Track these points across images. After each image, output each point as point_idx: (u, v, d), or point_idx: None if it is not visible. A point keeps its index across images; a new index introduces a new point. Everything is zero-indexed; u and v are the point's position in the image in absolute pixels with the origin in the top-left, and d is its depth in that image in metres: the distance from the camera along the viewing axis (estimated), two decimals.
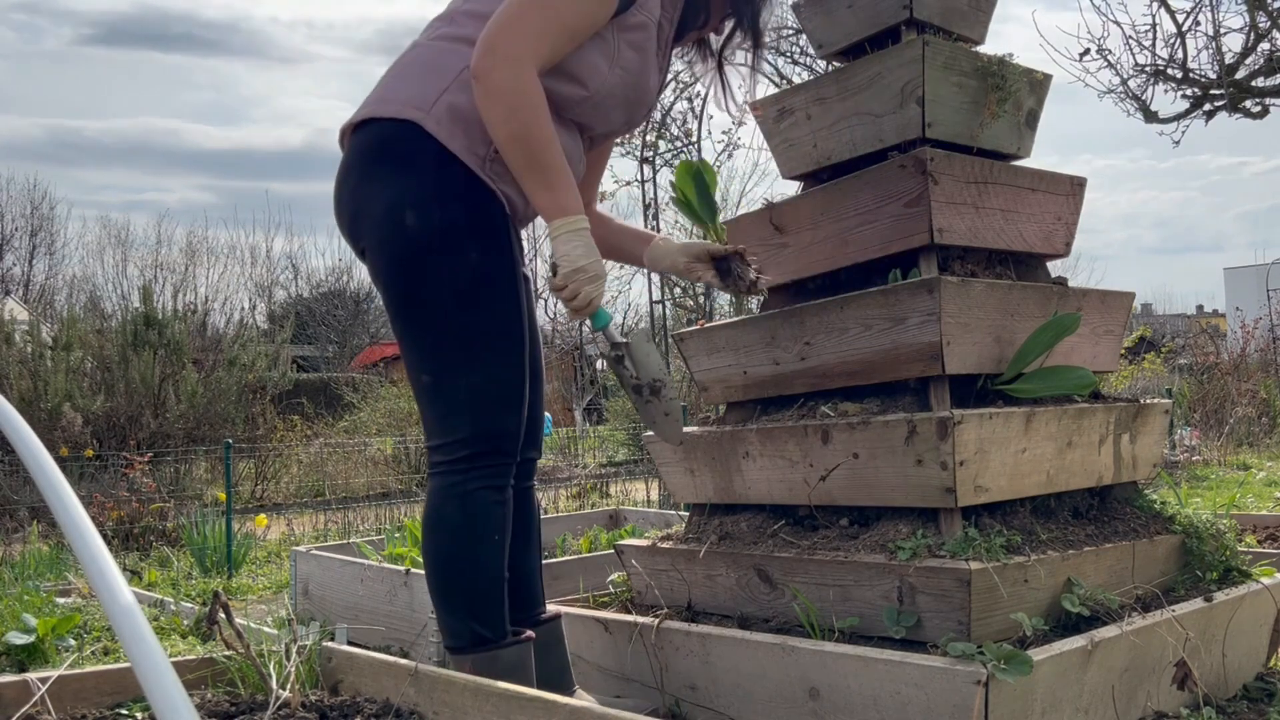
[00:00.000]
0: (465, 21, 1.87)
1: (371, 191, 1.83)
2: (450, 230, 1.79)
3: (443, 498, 1.85)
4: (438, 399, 1.85)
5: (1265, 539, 3.34)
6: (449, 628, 1.88)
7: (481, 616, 1.85)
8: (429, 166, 1.79)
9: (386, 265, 1.84)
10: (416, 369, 1.87)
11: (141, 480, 5.60)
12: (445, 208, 1.79)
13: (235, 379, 8.40)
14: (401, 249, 1.81)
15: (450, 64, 1.83)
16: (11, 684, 1.74)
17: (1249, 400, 9.61)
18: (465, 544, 1.84)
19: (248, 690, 1.84)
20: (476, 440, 1.82)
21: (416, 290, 1.82)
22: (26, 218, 25.30)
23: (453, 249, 1.79)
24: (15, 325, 8.08)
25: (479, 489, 1.81)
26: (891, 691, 1.71)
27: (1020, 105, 2.30)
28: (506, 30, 1.73)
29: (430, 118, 1.79)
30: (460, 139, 1.79)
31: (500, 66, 1.71)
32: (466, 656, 1.83)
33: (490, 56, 1.71)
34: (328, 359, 24.10)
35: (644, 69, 1.94)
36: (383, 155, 1.84)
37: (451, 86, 1.80)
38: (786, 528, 2.19)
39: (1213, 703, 1.96)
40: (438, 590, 1.89)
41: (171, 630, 3.18)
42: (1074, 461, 2.11)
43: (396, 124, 1.81)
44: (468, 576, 1.85)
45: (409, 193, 1.79)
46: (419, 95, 1.81)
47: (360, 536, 4.59)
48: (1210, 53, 6.52)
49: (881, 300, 2.05)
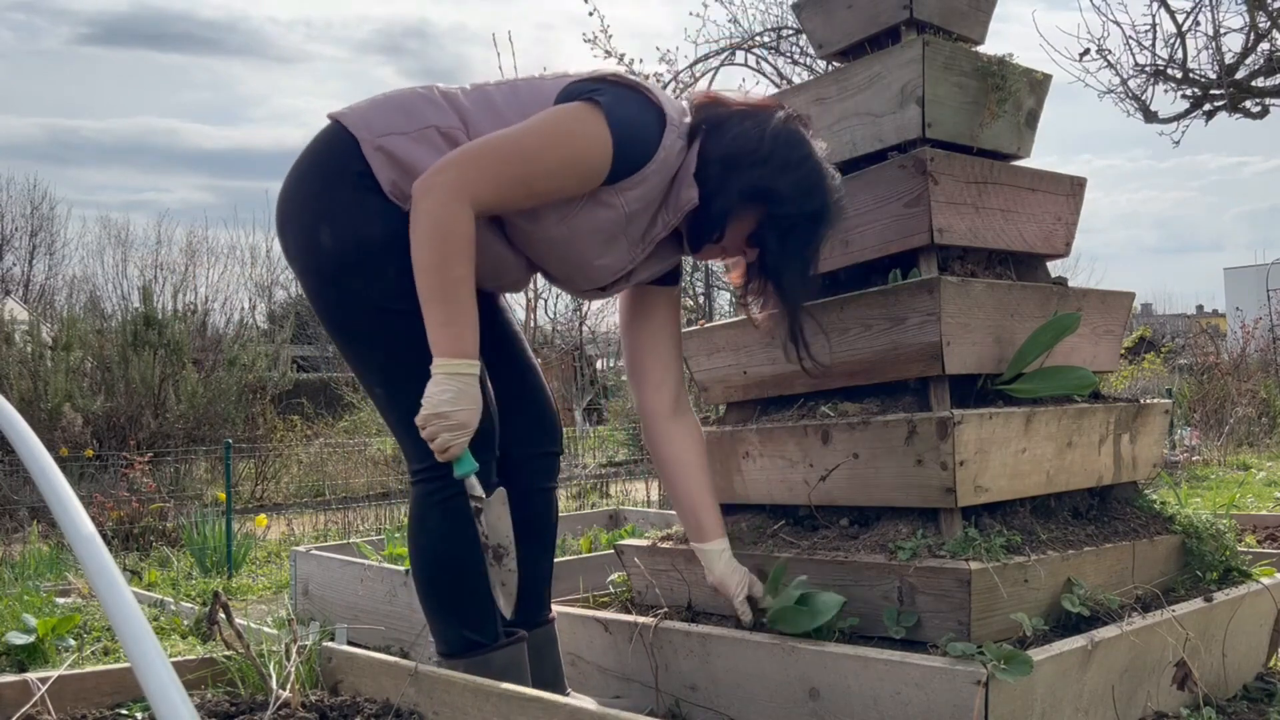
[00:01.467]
0: (475, 96, 1.85)
1: (298, 198, 1.85)
2: (366, 247, 1.77)
3: (424, 506, 1.84)
4: (392, 411, 1.85)
5: (1265, 539, 3.34)
6: (440, 634, 1.88)
7: (471, 621, 1.85)
8: (349, 187, 1.78)
9: (309, 281, 1.85)
10: (366, 382, 1.89)
11: (141, 480, 5.60)
12: (361, 227, 1.78)
13: (235, 379, 8.40)
14: (320, 266, 1.82)
15: (423, 114, 1.81)
16: (11, 684, 1.74)
17: (1249, 400, 9.62)
18: (449, 550, 1.83)
19: (248, 690, 1.84)
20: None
21: (342, 308, 1.83)
22: (26, 218, 25.30)
23: (370, 266, 1.78)
24: (15, 325, 8.08)
25: (457, 494, 1.78)
26: (891, 691, 1.71)
27: (1020, 105, 2.30)
28: (466, 163, 1.69)
29: (369, 144, 1.78)
30: (387, 176, 1.77)
31: (439, 194, 1.67)
32: (459, 661, 1.83)
33: (436, 177, 1.68)
34: (328, 359, 24.06)
35: (594, 245, 1.84)
36: (315, 162, 1.85)
37: (411, 133, 1.79)
38: (786, 528, 2.19)
39: (1213, 703, 1.96)
40: (426, 598, 1.88)
41: (171, 630, 3.18)
42: (1074, 461, 2.11)
43: (343, 134, 1.80)
44: (456, 582, 1.84)
45: (327, 210, 1.80)
46: (375, 123, 1.80)
47: (360, 536, 4.59)
48: (1210, 53, 6.52)
49: (881, 300, 2.05)
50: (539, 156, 1.72)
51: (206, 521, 4.69)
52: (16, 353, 7.60)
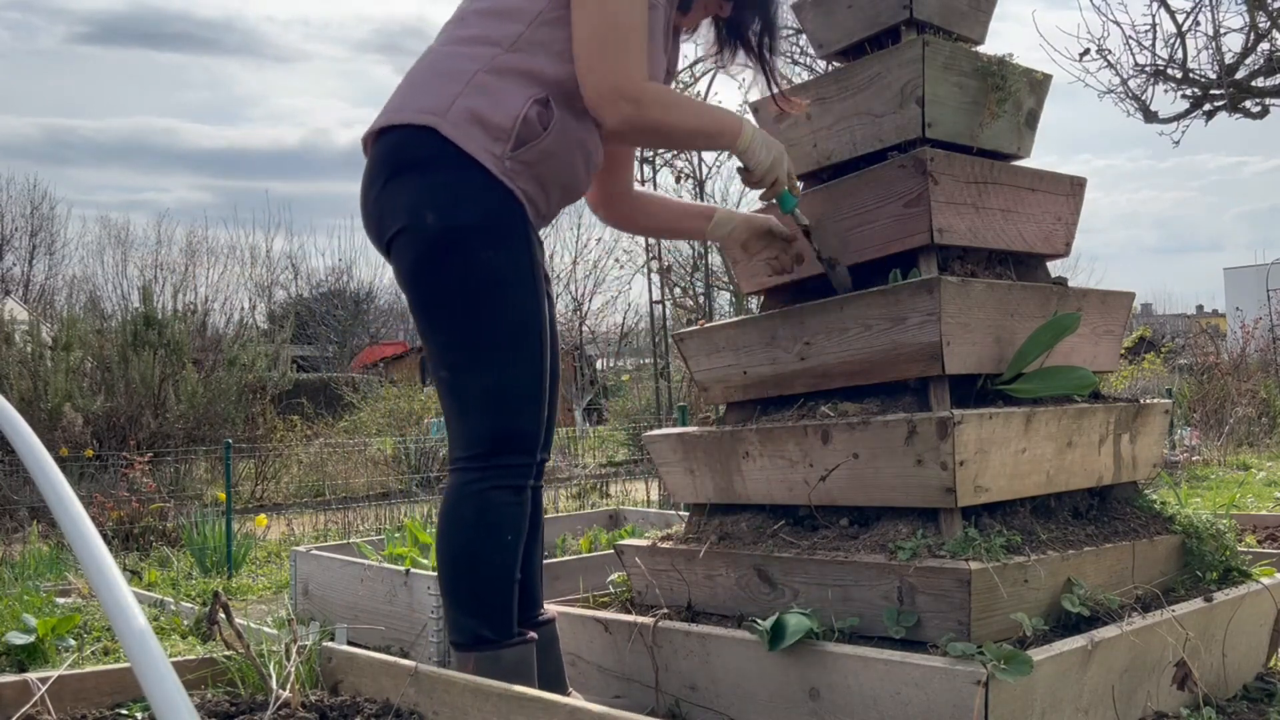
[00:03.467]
0: (475, 21, 1.89)
1: (393, 194, 1.86)
2: (466, 230, 1.81)
3: (459, 496, 1.86)
4: (455, 398, 1.87)
5: (1265, 539, 3.34)
6: (456, 624, 1.88)
7: (489, 616, 1.85)
8: (447, 168, 1.81)
9: (408, 266, 1.86)
10: (436, 367, 1.90)
11: (141, 480, 5.60)
12: (462, 208, 1.81)
13: (235, 379, 8.40)
14: (420, 249, 1.83)
15: (462, 68, 1.85)
16: (11, 684, 1.74)
17: (1249, 400, 9.62)
18: (478, 543, 1.85)
19: (248, 690, 1.84)
20: (493, 440, 1.84)
21: (434, 290, 1.85)
22: (26, 218, 25.32)
23: (468, 248, 1.81)
24: (15, 325, 8.08)
25: (494, 489, 1.83)
26: (891, 691, 1.71)
27: (1020, 105, 2.30)
28: (608, 74, 1.81)
29: (446, 122, 1.81)
30: (476, 140, 1.81)
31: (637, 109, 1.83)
32: (470, 654, 1.84)
33: (623, 105, 1.82)
34: (328, 359, 24.10)
35: (654, 54, 1.95)
36: (402, 159, 1.86)
37: (465, 90, 1.82)
38: (786, 528, 2.19)
39: (1213, 703, 1.96)
40: (448, 587, 1.89)
41: (171, 630, 3.18)
42: (1074, 461, 2.11)
43: (414, 130, 1.84)
44: (478, 575, 1.85)
45: (427, 193, 1.82)
46: (434, 101, 1.83)
47: (360, 536, 4.59)
48: (1210, 53, 6.52)
49: (881, 300, 2.05)
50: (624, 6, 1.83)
51: (206, 521, 4.69)
52: (16, 353, 7.60)
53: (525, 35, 1.84)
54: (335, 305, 26.13)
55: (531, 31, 1.84)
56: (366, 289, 28.04)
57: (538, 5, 1.85)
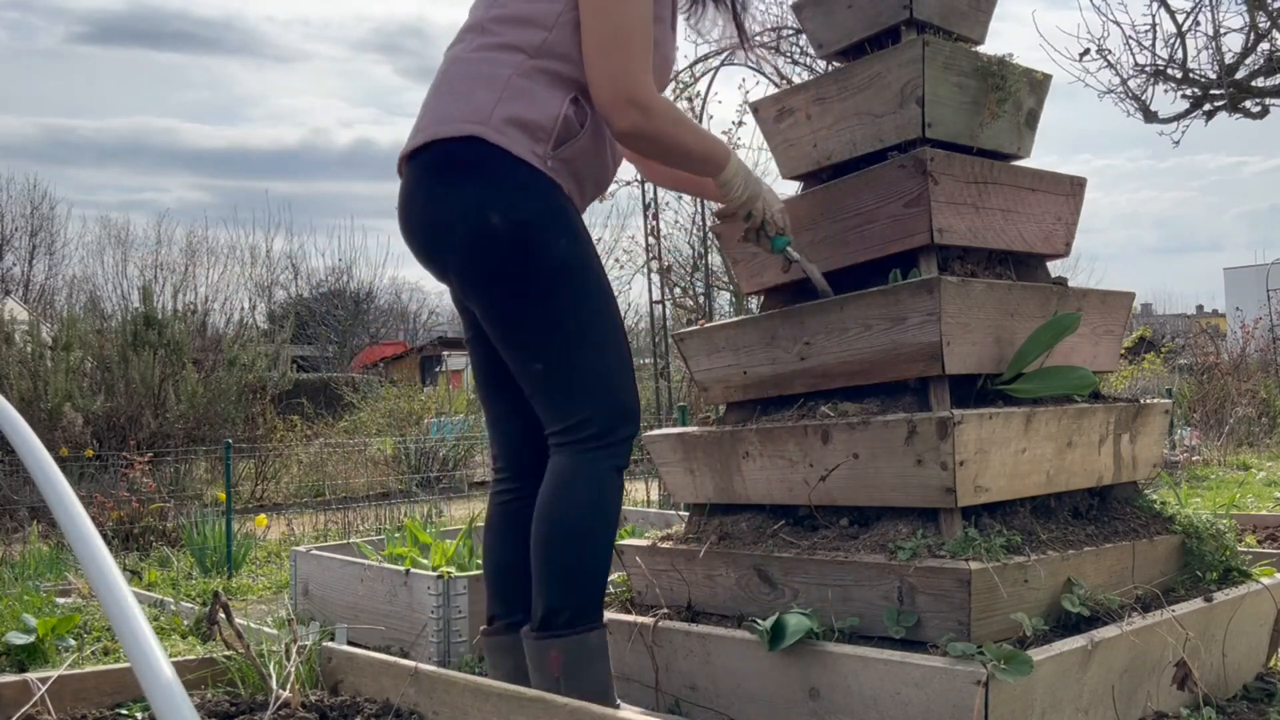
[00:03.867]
0: (500, 29, 1.89)
1: (447, 202, 1.86)
2: (534, 223, 1.82)
3: (572, 474, 1.85)
4: (554, 386, 1.86)
5: (1265, 539, 3.34)
6: (543, 607, 1.84)
7: (590, 596, 1.84)
8: (498, 169, 1.82)
9: (480, 269, 1.85)
10: (527, 361, 1.88)
11: (141, 480, 5.60)
12: (525, 203, 1.82)
13: (235, 379, 8.40)
14: (493, 250, 1.83)
15: (497, 74, 1.86)
16: (11, 684, 1.74)
17: (1249, 400, 9.62)
18: (591, 521, 1.84)
19: (248, 690, 1.84)
20: (602, 418, 1.84)
21: (517, 285, 1.84)
22: (26, 218, 25.32)
23: (539, 241, 1.83)
24: (15, 325, 8.08)
25: (609, 468, 1.84)
26: (891, 691, 1.71)
27: (1020, 105, 2.30)
28: (619, 80, 1.82)
29: (490, 129, 1.82)
30: (521, 142, 1.82)
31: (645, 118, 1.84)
32: (556, 640, 1.80)
33: (632, 112, 1.83)
34: (328, 359, 24.10)
35: (664, 38, 1.98)
36: (451, 168, 1.85)
37: (503, 97, 1.83)
38: (786, 528, 2.19)
39: (1213, 703, 1.96)
40: (551, 566, 1.85)
41: (171, 630, 3.18)
42: (1074, 461, 2.11)
43: (457, 141, 1.84)
44: (590, 553, 1.85)
45: (487, 195, 1.82)
46: (474, 110, 1.84)
47: (360, 536, 4.59)
48: (1210, 53, 6.51)
49: (881, 300, 2.05)
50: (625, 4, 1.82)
51: (206, 521, 4.69)
52: (16, 353, 7.59)
53: (548, 40, 1.86)
54: (335, 305, 26.13)
55: (554, 36, 1.86)
56: (366, 289, 28.05)
57: (555, 9, 1.86)
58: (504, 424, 2.06)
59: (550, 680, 1.78)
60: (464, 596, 2.78)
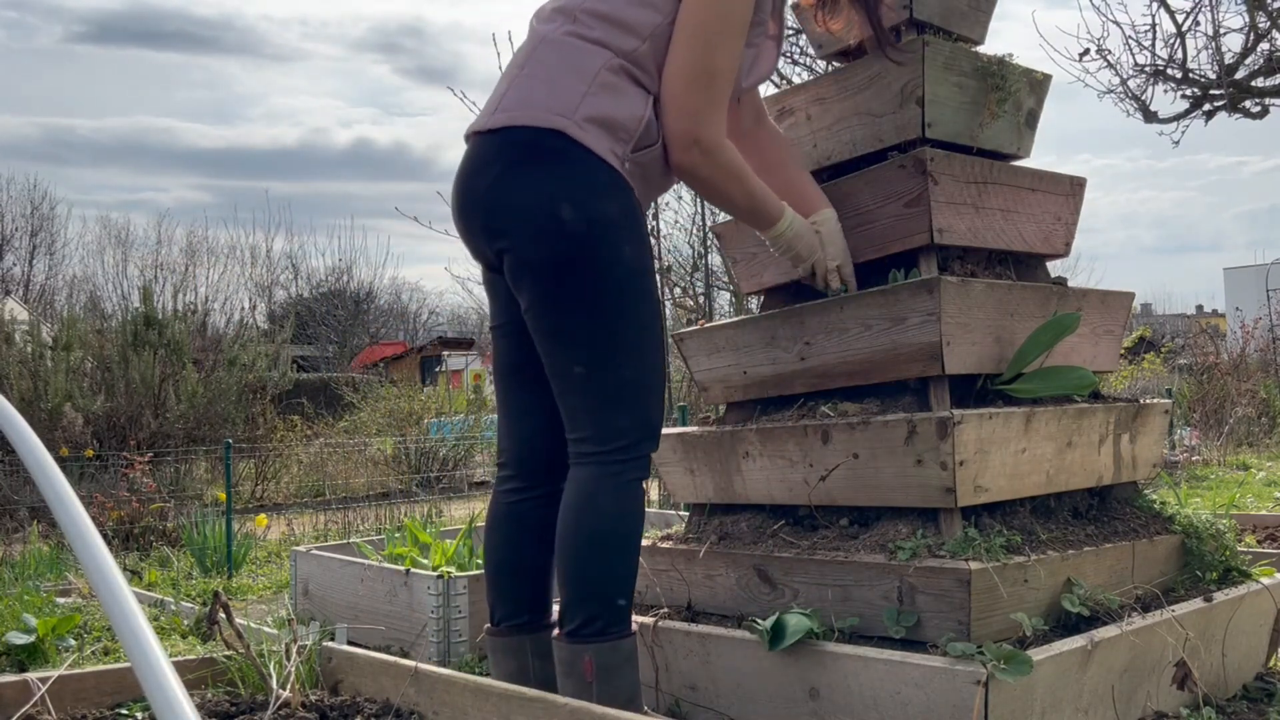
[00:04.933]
0: (593, 24, 1.87)
1: (520, 184, 1.83)
2: (607, 223, 1.81)
3: (597, 485, 1.84)
4: (592, 391, 1.84)
5: (1265, 539, 3.34)
6: (578, 615, 1.83)
7: (622, 604, 1.85)
8: (576, 163, 1.81)
9: (542, 259, 1.83)
10: (568, 361, 1.85)
11: (141, 480, 5.60)
12: (601, 201, 1.81)
13: (235, 379, 8.39)
14: (561, 242, 1.81)
15: (586, 65, 1.84)
16: (11, 684, 1.74)
17: (1249, 400, 9.62)
18: (619, 533, 1.85)
19: (248, 690, 1.84)
20: (633, 431, 1.84)
21: (574, 283, 1.82)
22: (26, 218, 25.34)
23: (609, 242, 1.81)
24: (15, 325, 8.08)
25: (634, 480, 1.84)
26: (891, 691, 1.71)
27: (1020, 105, 2.30)
28: (694, 117, 1.83)
29: (574, 124, 1.80)
30: (603, 141, 1.82)
31: (705, 161, 1.86)
32: (589, 645, 1.80)
33: (694, 152, 1.85)
34: (328, 359, 24.10)
35: (767, 52, 2.04)
36: (531, 152, 1.83)
37: (590, 91, 1.82)
38: (786, 528, 2.19)
39: (1212, 703, 1.96)
40: (579, 575, 1.85)
41: (171, 630, 3.18)
42: (1074, 461, 2.11)
43: (538, 130, 1.82)
44: (618, 561, 1.85)
45: (563, 186, 1.80)
46: (560, 101, 1.82)
47: (360, 536, 4.59)
48: (1210, 53, 6.50)
49: (881, 300, 2.05)
50: (723, 44, 1.84)
51: (206, 521, 4.69)
52: (16, 353, 7.59)
53: (640, 50, 1.86)
54: (335, 305, 26.14)
55: (646, 47, 1.86)
56: (366, 289, 28.07)
57: (655, 20, 1.85)
58: (520, 422, 2.02)
59: (583, 685, 1.78)
60: (464, 596, 2.78)
